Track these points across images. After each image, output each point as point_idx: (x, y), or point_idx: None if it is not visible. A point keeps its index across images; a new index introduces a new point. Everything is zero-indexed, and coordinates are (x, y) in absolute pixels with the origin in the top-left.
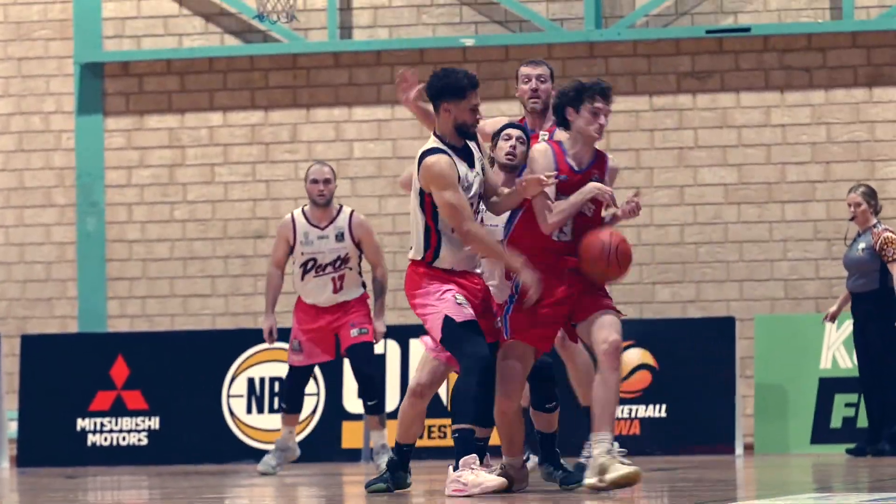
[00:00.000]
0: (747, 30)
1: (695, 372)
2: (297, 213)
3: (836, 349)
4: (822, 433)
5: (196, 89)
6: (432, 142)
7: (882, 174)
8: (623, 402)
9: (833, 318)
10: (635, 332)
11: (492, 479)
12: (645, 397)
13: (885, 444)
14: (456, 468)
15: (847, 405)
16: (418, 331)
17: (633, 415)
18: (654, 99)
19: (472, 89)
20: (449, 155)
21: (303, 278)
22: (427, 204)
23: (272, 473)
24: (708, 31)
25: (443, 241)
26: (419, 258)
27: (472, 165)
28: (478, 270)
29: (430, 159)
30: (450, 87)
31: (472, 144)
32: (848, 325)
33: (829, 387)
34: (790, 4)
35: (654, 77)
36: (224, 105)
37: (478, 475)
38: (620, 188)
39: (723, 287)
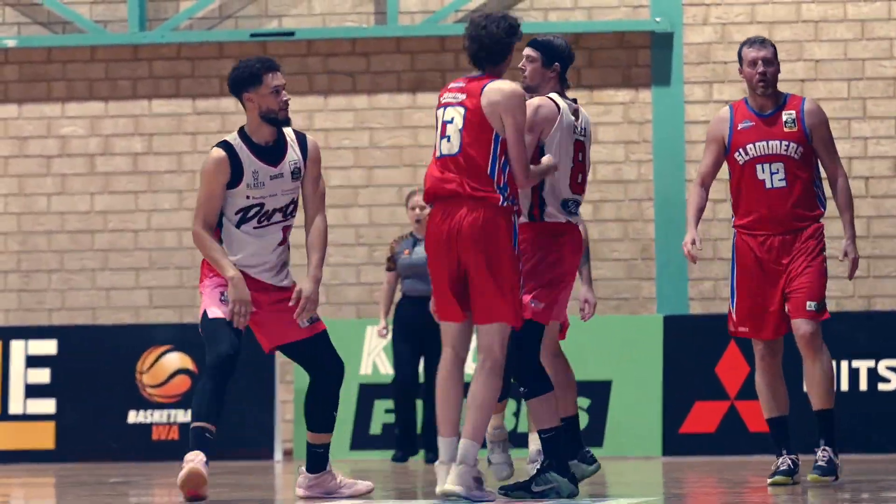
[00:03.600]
0: (291, 34)
1: (235, 377)
2: None
3: (377, 355)
4: (361, 439)
5: None
6: (230, 135)
7: (423, 181)
8: (162, 406)
9: None
10: (173, 336)
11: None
12: (184, 402)
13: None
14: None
15: (387, 411)
16: None
17: (172, 420)
18: (198, 102)
19: (267, 71)
20: (230, 151)
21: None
22: None
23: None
24: (252, 35)
25: (224, 234)
26: None
27: (275, 164)
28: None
29: (211, 151)
30: (244, 77)
31: (297, 141)
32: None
33: (369, 392)
34: (335, 9)
35: (198, 80)
36: None
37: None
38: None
39: None
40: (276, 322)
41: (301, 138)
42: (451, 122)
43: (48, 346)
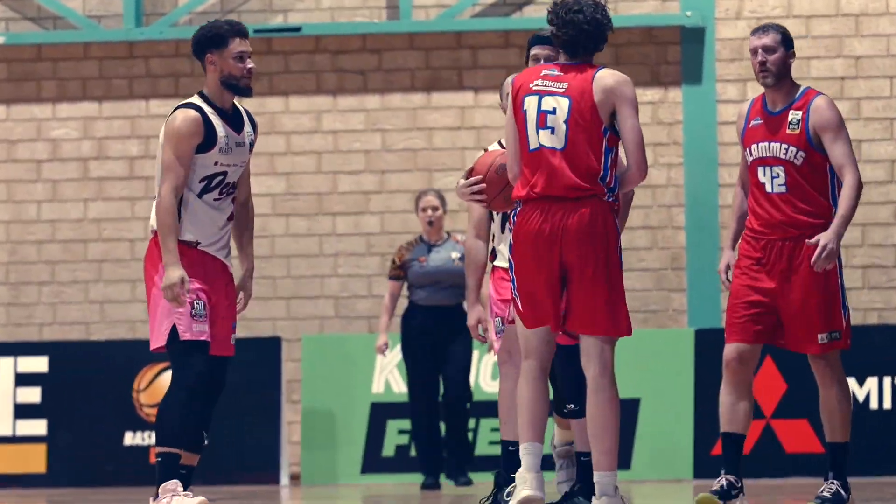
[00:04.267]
0: (298, 29)
1: (238, 396)
2: None
3: (389, 372)
4: (373, 462)
5: None
6: (192, 98)
7: (440, 185)
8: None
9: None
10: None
11: None
12: None
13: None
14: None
15: (400, 432)
16: None
17: None
18: None
19: (234, 35)
20: (202, 112)
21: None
22: None
23: None
24: (256, 31)
25: (183, 206)
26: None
27: (238, 131)
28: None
29: (176, 113)
30: (208, 36)
31: (246, 114)
32: (398, 351)
33: (382, 412)
34: (344, 3)
35: (198, 79)
36: None
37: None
38: None
39: (269, 305)
40: (222, 329)
41: (246, 111)
42: (552, 112)
43: (39, 364)
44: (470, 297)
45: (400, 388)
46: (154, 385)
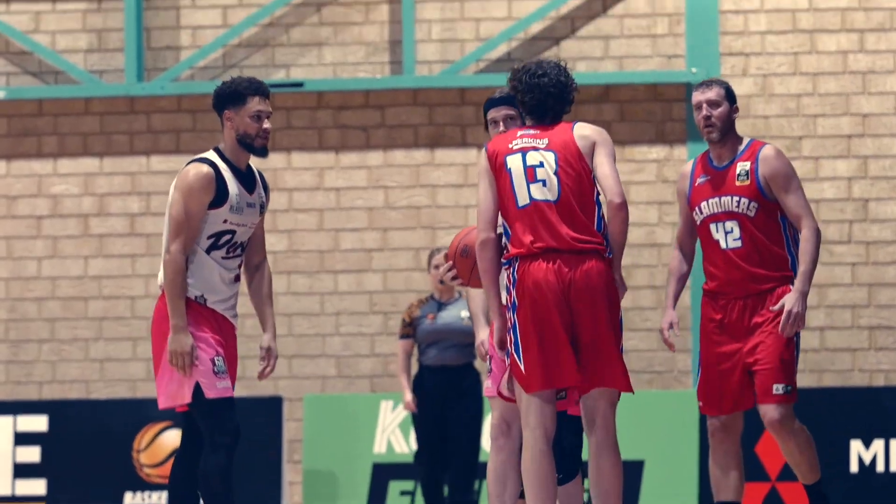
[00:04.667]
0: (300, 85)
1: (239, 455)
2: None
3: (392, 433)
4: None
5: None
6: (207, 153)
7: (444, 242)
8: (160, 487)
9: None
10: (172, 412)
11: None
12: None
13: None
14: None
15: (402, 493)
16: None
17: None
18: None
19: (253, 94)
20: (215, 168)
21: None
22: None
23: None
24: None
25: (192, 261)
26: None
27: (250, 192)
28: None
29: (189, 167)
30: (227, 93)
31: (259, 176)
32: (400, 411)
33: (384, 473)
34: (346, 59)
35: (200, 134)
36: None
37: None
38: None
39: None
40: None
41: (259, 173)
42: (540, 165)
43: (38, 423)
44: (480, 319)
45: (402, 448)
46: (154, 445)
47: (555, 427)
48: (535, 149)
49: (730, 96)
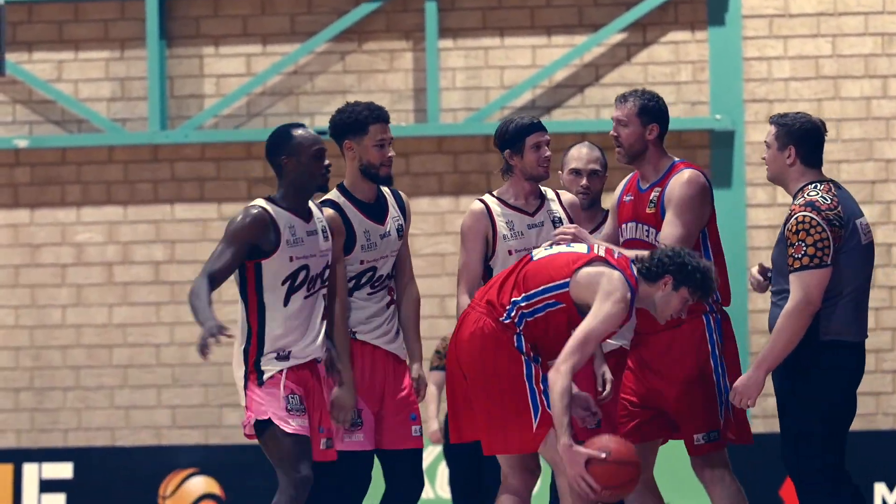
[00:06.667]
0: (325, 133)
1: (265, 503)
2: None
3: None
4: None
5: None
6: (330, 193)
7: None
8: None
9: None
10: (200, 458)
11: None
12: None
13: None
14: None
15: None
16: None
17: None
18: (224, 206)
19: (374, 121)
20: (340, 211)
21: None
22: None
23: None
24: None
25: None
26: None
27: (380, 221)
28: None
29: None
30: (347, 122)
31: (391, 197)
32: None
33: None
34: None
35: (224, 183)
36: None
37: None
38: None
39: None
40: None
41: (396, 193)
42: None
43: (63, 470)
44: None
45: (426, 494)
46: (180, 491)
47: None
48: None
49: (646, 113)
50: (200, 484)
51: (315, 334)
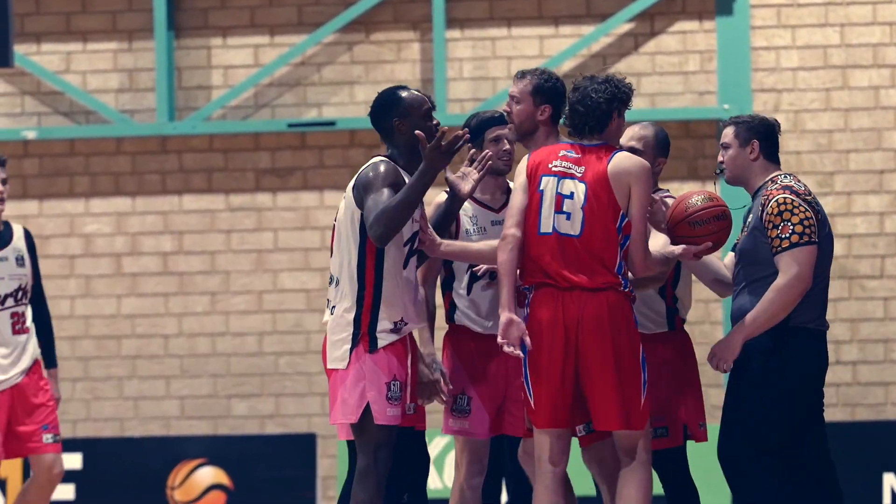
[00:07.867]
0: (332, 123)
1: (273, 493)
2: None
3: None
4: None
5: None
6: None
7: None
8: None
9: None
10: (208, 448)
11: None
12: None
13: None
14: None
15: None
16: None
17: None
18: (232, 197)
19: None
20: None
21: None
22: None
23: None
24: (290, 125)
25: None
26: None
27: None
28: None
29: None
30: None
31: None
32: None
33: None
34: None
35: (232, 174)
36: None
37: None
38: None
39: (304, 401)
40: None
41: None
42: (570, 196)
43: (72, 460)
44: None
45: (435, 484)
46: (189, 481)
47: (565, 463)
48: (572, 176)
49: (540, 93)
50: (209, 474)
51: (422, 302)
